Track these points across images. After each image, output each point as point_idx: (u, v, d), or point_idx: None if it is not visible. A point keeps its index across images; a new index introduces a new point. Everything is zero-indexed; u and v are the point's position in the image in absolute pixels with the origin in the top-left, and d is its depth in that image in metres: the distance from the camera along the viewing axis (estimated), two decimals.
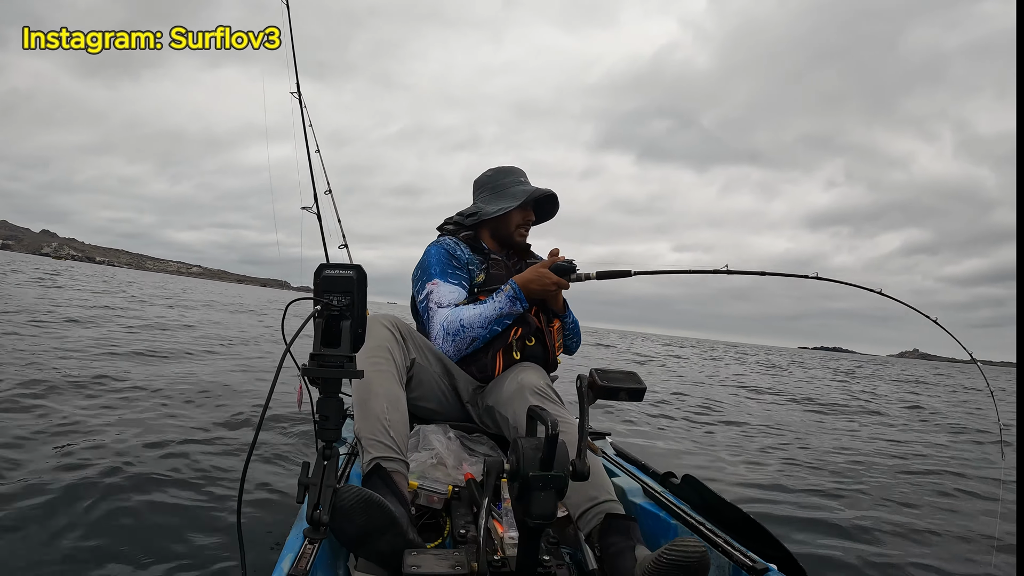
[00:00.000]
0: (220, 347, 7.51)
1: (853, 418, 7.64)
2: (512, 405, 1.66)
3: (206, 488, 2.45)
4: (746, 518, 1.35)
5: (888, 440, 5.88)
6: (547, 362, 1.92)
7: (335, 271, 1.05)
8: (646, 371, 10.62)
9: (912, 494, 3.68)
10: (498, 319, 1.79)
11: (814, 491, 3.43)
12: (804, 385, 12.97)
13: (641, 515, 1.55)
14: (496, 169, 2.08)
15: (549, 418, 1.04)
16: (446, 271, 1.91)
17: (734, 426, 5.86)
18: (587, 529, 1.39)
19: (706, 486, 1.53)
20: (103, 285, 13.61)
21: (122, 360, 5.34)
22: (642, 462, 1.94)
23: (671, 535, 1.43)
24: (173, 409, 3.67)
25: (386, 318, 1.69)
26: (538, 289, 1.82)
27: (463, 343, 1.80)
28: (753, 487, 3.41)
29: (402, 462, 1.46)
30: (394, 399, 1.54)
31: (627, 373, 1.38)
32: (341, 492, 1.10)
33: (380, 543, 1.17)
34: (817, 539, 2.67)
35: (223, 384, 4.64)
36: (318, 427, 1.03)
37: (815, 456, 4.58)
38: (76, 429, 3.00)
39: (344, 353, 1.01)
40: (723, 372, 15.01)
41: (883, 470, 4.30)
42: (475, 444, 1.77)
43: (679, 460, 4.07)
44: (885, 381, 18.05)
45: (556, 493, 1.06)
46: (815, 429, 6.26)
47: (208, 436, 3.19)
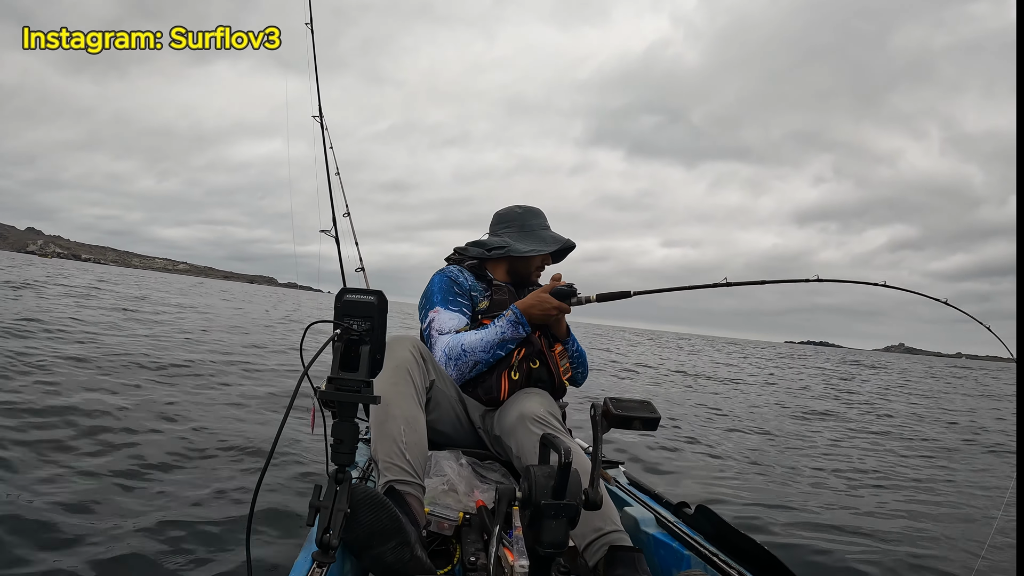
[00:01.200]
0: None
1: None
2: (515, 435, 1.65)
3: (216, 506, 2.46)
4: (760, 549, 1.33)
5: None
6: (554, 387, 1.90)
7: (357, 296, 1.06)
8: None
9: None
10: (500, 343, 1.80)
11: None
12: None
13: (654, 545, 1.53)
14: (525, 209, 2.10)
15: (562, 446, 1.04)
16: (447, 299, 1.93)
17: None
18: (593, 561, 1.38)
19: (720, 516, 1.51)
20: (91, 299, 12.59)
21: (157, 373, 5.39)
22: (656, 492, 1.92)
23: (684, 566, 1.42)
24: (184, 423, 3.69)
25: (408, 339, 1.70)
26: (539, 314, 1.82)
27: (466, 368, 1.80)
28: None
29: (417, 486, 1.46)
30: (412, 421, 1.54)
31: (641, 402, 1.38)
32: (352, 488, 1.10)
33: (386, 551, 1.17)
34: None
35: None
36: (332, 450, 1.03)
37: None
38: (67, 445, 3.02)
39: (362, 378, 1.02)
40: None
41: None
42: (487, 471, 1.77)
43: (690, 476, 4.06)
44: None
45: (568, 522, 1.06)
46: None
47: (220, 455, 3.21)
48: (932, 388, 16.99)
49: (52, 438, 3.09)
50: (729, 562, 1.34)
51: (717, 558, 1.36)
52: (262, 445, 3.41)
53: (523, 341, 1.84)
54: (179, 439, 3.38)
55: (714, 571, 1.31)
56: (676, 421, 6.33)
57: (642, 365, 15.44)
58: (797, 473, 4.58)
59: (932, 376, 25.78)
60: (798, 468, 4.74)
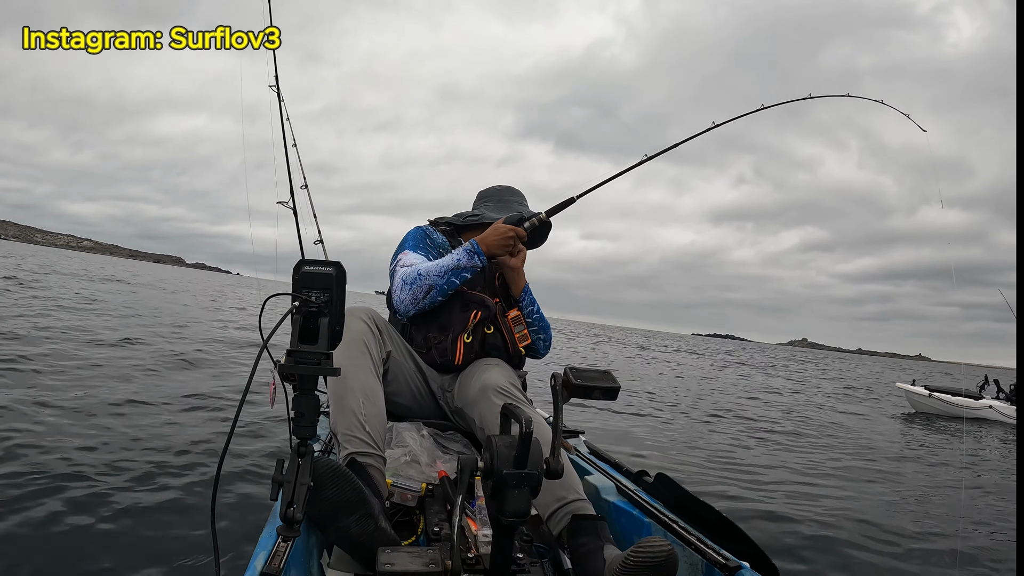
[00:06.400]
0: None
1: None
2: (478, 407, 1.64)
3: (179, 485, 2.42)
4: (719, 516, 1.37)
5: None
6: (510, 356, 1.89)
7: (315, 267, 1.04)
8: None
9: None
10: (455, 270, 1.78)
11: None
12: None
13: (614, 513, 1.56)
14: (505, 187, 2.15)
15: (523, 416, 1.05)
16: (417, 246, 1.94)
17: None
18: (556, 530, 1.40)
19: (679, 484, 1.54)
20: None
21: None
22: (616, 460, 1.96)
23: (644, 533, 1.45)
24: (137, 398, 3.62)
25: (362, 311, 1.68)
26: (496, 240, 1.82)
27: (420, 291, 1.77)
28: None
29: (379, 457, 1.46)
30: (371, 393, 1.54)
31: (601, 372, 1.39)
32: (314, 462, 1.09)
33: (350, 523, 1.17)
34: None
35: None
36: (293, 424, 1.02)
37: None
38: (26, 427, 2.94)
39: (321, 350, 1.00)
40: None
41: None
42: (449, 442, 1.77)
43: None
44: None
45: (530, 491, 1.07)
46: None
47: (180, 431, 3.15)
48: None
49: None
50: (689, 528, 1.37)
51: (677, 524, 1.39)
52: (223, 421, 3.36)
53: (480, 305, 1.83)
54: (127, 415, 3.31)
55: (674, 538, 1.34)
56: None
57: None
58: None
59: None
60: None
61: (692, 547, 1.29)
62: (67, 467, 2.45)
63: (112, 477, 2.42)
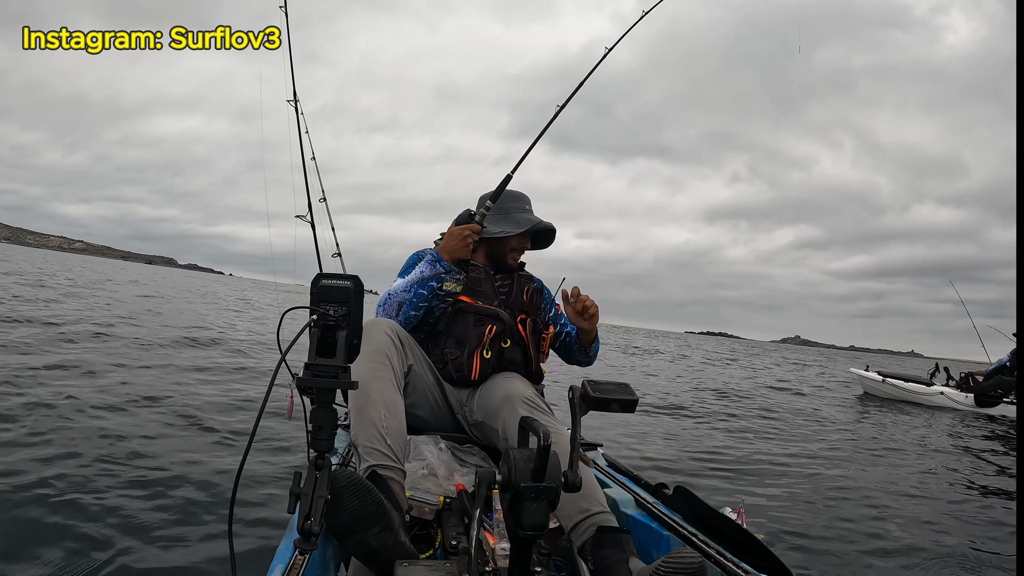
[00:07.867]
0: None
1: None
2: (501, 415, 1.65)
3: (197, 496, 2.44)
4: (740, 529, 1.35)
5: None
6: (529, 372, 1.91)
7: (332, 281, 1.05)
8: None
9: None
10: (420, 282, 1.82)
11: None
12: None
13: (634, 526, 1.55)
14: (507, 192, 2.08)
15: (541, 428, 1.04)
16: (408, 271, 1.96)
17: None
18: (580, 541, 1.39)
19: (699, 497, 1.53)
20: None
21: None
22: (634, 473, 1.94)
23: (664, 547, 1.43)
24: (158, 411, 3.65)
25: (386, 323, 1.70)
26: (455, 245, 1.85)
27: (392, 310, 1.81)
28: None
29: (399, 471, 1.46)
30: (392, 405, 1.54)
31: (619, 384, 1.38)
32: (335, 474, 1.09)
33: (369, 536, 1.17)
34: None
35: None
36: (311, 437, 1.02)
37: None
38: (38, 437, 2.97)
39: (339, 363, 1.01)
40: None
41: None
42: (466, 455, 1.77)
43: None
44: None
45: (548, 504, 1.06)
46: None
47: (200, 443, 3.17)
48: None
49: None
50: (708, 542, 1.35)
51: (696, 538, 1.37)
52: (241, 432, 3.38)
53: (494, 319, 1.85)
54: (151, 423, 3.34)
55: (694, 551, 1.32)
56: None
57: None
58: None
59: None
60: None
61: (713, 561, 1.27)
62: (78, 470, 2.47)
63: (125, 490, 2.44)
